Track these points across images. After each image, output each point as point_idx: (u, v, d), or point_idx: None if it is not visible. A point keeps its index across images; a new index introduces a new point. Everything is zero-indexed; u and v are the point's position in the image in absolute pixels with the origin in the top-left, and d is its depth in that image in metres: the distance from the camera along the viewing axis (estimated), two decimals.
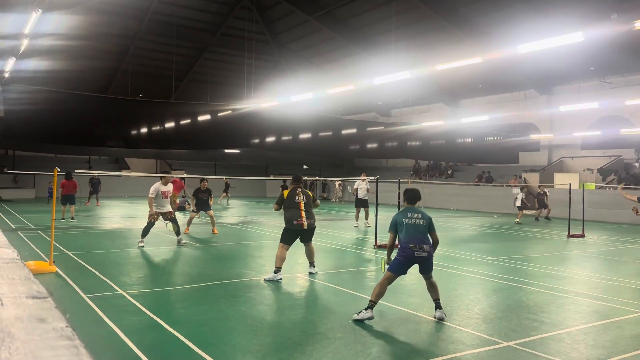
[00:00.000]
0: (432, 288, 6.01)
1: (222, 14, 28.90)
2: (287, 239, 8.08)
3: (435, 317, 5.84)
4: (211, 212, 14.27)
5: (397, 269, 5.90)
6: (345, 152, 27.14)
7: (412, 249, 5.77)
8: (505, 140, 26.72)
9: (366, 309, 5.73)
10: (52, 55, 27.74)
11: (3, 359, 0.83)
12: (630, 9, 17.78)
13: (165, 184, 11.45)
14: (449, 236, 15.31)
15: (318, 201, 8.68)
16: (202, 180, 14.55)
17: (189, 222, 14.22)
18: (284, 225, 8.18)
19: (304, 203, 8.07)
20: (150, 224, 11.25)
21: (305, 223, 7.98)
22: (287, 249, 8.09)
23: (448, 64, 16.51)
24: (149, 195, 11.24)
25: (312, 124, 22.12)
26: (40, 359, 0.85)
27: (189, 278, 8.14)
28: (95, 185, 24.12)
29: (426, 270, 5.98)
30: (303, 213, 7.98)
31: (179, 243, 11.47)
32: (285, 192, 8.20)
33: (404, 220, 5.97)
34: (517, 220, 19.52)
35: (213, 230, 14.00)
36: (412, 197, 6.26)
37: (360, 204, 16.53)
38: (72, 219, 17.02)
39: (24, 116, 16.09)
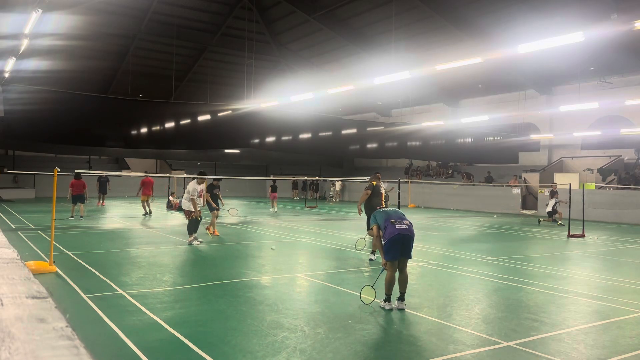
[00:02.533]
0: (403, 282, 6.38)
1: (222, 14, 28.89)
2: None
3: (396, 306, 6.29)
4: (217, 212, 14.14)
5: (389, 253, 6.28)
6: (345, 152, 27.10)
7: (393, 223, 6.25)
8: (505, 140, 26.71)
9: (385, 301, 6.29)
10: (52, 55, 27.74)
11: (3, 359, 0.83)
12: (630, 9, 17.78)
13: (200, 183, 11.93)
14: (449, 236, 15.31)
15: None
16: (216, 179, 14.71)
17: (213, 223, 13.81)
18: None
19: (385, 195, 10.30)
20: (195, 221, 11.78)
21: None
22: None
23: (448, 64, 16.49)
24: (192, 197, 11.66)
25: (312, 124, 22.10)
26: (40, 359, 0.85)
27: (189, 278, 8.15)
28: (103, 185, 24.02)
29: (407, 251, 6.33)
30: (383, 202, 10.01)
31: (190, 243, 11.65)
32: (374, 183, 10.11)
33: (380, 208, 6.97)
34: (559, 222, 19.13)
35: (214, 232, 13.54)
36: None
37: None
38: (81, 217, 17.15)
39: (24, 116, 16.08)
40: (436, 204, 28.36)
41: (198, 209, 11.83)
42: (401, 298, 6.34)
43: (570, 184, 16.45)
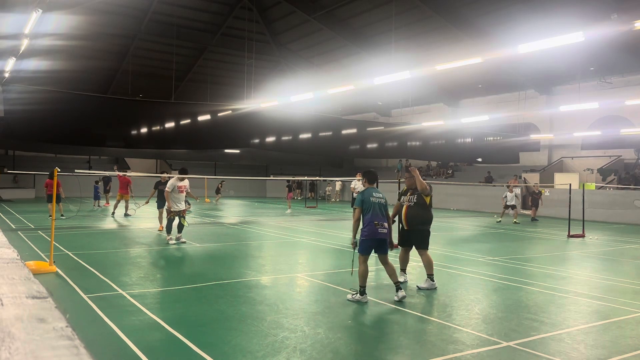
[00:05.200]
0: (392, 273, 6.62)
1: (222, 14, 28.90)
2: (401, 241, 7.93)
3: (398, 298, 6.47)
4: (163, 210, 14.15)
5: (366, 249, 6.55)
6: (345, 152, 27.12)
7: (376, 225, 6.47)
8: (505, 140, 26.72)
9: (361, 295, 6.44)
10: (52, 55, 27.74)
11: (3, 359, 0.83)
12: (630, 9, 17.78)
13: (181, 179, 11.91)
14: (449, 236, 15.31)
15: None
16: (163, 172, 14.62)
17: (161, 219, 14.21)
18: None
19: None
20: (170, 220, 11.81)
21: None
22: (408, 251, 7.98)
23: (448, 64, 16.50)
24: (166, 190, 11.75)
25: (312, 124, 22.11)
26: (40, 359, 0.85)
27: (189, 278, 8.14)
28: (106, 184, 23.91)
29: (383, 250, 6.61)
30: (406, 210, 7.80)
31: (177, 240, 11.79)
32: (404, 189, 7.92)
33: (371, 199, 6.61)
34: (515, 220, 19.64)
35: (160, 227, 14.03)
36: (373, 178, 6.95)
37: None
38: (50, 216, 17.12)
39: (24, 116, 16.09)
40: (436, 204, 28.33)
41: (173, 211, 11.70)
42: (398, 287, 6.52)
43: (570, 184, 16.45)
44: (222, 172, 36.27)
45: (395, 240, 7.43)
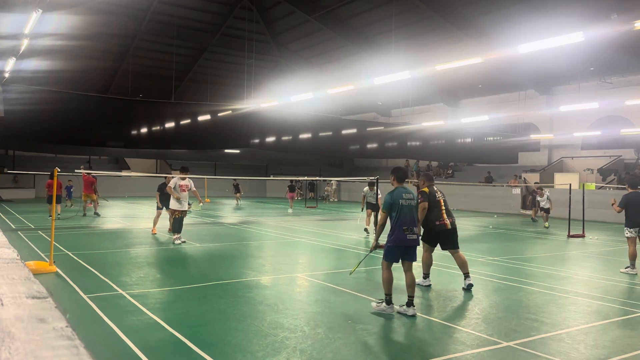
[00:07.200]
0: (410, 285, 6.03)
1: (222, 14, 28.90)
2: (430, 241, 7.67)
3: (403, 311, 5.94)
4: (161, 211, 13.92)
5: (391, 257, 6.01)
6: (345, 152, 27.12)
7: (405, 231, 5.87)
8: (505, 140, 26.72)
9: (387, 304, 5.95)
10: (52, 55, 27.74)
11: (3, 359, 0.83)
12: (630, 9, 17.78)
13: (182, 179, 11.95)
14: None
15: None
16: (170, 173, 14.52)
17: (155, 222, 13.95)
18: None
19: (444, 202, 7.55)
20: (177, 219, 11.82)
21: (448, 222, 7.45)
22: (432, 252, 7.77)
23: (448, 64, 16.49)
24: (169, 186, 11.92)
25: (312, 124, 22.10)
26: (40, 359, 0.85)
27: (189, 278, 8.15)
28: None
29: (411, 257, 6.07)
30: (444, 214, 7.44)
31: (174, 242, 11.80)
32: (427, 189, 7.53)
33: (400, 201, 5.95)
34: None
35: (169, 229, 13.63)
36: (402, 176, 6.27)
37: (371, 206, 15.98)
38: (58, 214, 17.09)
39: (24, 116, 16.08)
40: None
41: (179, 210, 11.78)
42: (410, 303, 5.95)
43: (570, 184, 16.44)
44: (222, 172, 36.26)
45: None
